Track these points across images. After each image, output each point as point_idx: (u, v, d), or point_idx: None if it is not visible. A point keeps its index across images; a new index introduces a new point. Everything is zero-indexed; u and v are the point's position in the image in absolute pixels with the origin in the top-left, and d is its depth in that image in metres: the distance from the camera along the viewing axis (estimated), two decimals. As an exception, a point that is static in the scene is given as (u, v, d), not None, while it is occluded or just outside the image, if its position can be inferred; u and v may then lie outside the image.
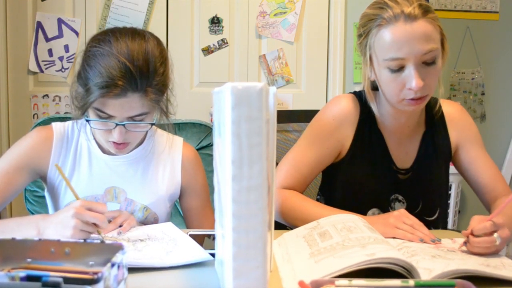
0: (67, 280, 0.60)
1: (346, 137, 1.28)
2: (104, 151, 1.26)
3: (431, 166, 1.30)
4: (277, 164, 1.34)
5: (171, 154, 1.32)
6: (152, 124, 1.19)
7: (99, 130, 1.17)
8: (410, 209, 1.22)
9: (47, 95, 2.48)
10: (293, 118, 1.81)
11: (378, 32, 1.15)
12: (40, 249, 0.72)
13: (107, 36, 1.14)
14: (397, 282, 0.78)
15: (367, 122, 1.28)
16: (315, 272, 0.84)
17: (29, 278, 0.60)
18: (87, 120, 1.15)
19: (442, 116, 1.34)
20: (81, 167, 1.25)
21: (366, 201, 1.26)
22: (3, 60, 2.42)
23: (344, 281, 0.78)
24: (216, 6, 2.56)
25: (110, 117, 1.13)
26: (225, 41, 2.58)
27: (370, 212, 1.28)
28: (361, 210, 1.23)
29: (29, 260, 0.70)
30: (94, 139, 1.27)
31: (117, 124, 1.13)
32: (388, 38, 1.13)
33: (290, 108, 2.61)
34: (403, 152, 1.30)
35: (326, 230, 1.02)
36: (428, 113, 1.32)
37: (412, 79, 1.12)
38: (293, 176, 1.28)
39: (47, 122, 1.51)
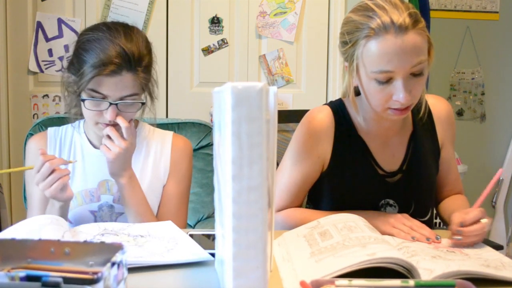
0: (67, 280, 0.60)
1: (325, 151, 1.26)
2: (95, 146, 1.33)
3: (421, 166, 1.29)
4: (277, 164, 1.34)
5: (161, 146, 1.36)
6: (143, 103, 1.26)
7: (91, 112, 1.21)
8: (402, 212, 1.21)
9: (47, 95, 2.48)
10: (293, 118, 1.81)
11: (366, 43, 1.11)
12: (40, 249, 0.72)
13: (99, 25, 1.25)
14: (397, 282, 0.78)
15: (345, 132, 1.27)
16: (315, 271, 0.84)
17: (29, 278, 0.60)
18: (82, 100, 1.20)
19: (429, 113, 1.33)
20: (75, 164, 1.32)
21: (355, 208, 1.23)
22: (3, 60, 2.42)
23: (344, 281, 0.78)
24: (216, 6, 2.56)
25: (103, 97, 1.20)
26: (225, 41, 2.58)
27: None
28: None
29: (29, 260, 0.70)
30: (87, 137, 1.33)
31: (110, 103, 1.19)
32: (378, 51, 1.09)
33: (290, 108, 2.61)
34: (390, 155, 1.28)
35: (326, 229, 1.02)
36: (414, 113, 1.31)
37: (400, 92, 1.10)
38: (285, 199, 1.28)
39: (47, 122, 1.51)
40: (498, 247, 1.09)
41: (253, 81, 2.60)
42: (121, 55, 1.18)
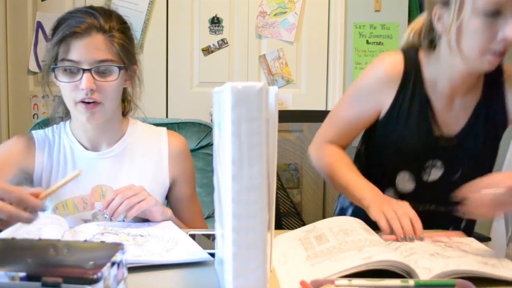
0: (67, 280, 0.60)
1: (385, 98, 1.25)
2: (86, 148, 1.26)
3: (479, 136, 1.24)
4: (278, 165, 1.34)
5: (156, 145, 1.31)
6: (120, 68, 1.18)
7: (67, 89, 1.16)
8: (448, 175, 1.20)
9: (47, 95, 2.47)
10: (293, 118, 1.81)
11: None
12: (40, 249, 0.72)
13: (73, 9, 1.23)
14: (397, 282, 0.78)
15: (412, 84, 1.24)
16: (311, 275, 0.84)
17: (29, 278, 0.60)
18: (53, 69, 1.15)
19: (502, 82, 1.26)
20: (66, 169, 1.24)
21: (398, 161, 1.23)
22: (3, 60, 2.42)
23: (344, 281, 0.78)
24: (216, 6, 2.56)
25: (76, 64, 1.14)
26: (225, 41, 2.58)
27: (399, 177, 1.27)
28: (392, 171, 1.24)
29: (29, 260, 0.70)
30: (75, 138, 1.26)
31: (84, 70, 1.13)
32: None
33: (290, 108, 2.61)
34: (452, 118, 1.25)
35: (322, 233, 1.02)
36: (487, 79, 1.25)
37: (508, 27, 1.06)
38: (334, 132, 1.29)
39: (47, 122, 1.51)
40: (485, 239, 1.06)
41: (253, 81, 2.61)
42: (90, 14, 1.15)
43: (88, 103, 1.16)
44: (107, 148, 1.27)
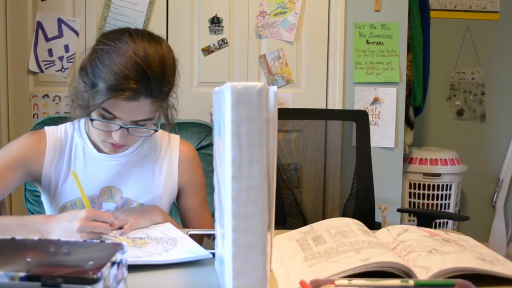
0: (67, 280, 0.60)
1: None
2: (99, 150, 1.25)
3: None
4: (277, 165, 1.34)
5: (168, 152, 1.31)
6: (156, 130, 1.19)
7: (99, 130, 1.15)
8: None
9: (47, 95, 2.48)
10: (293, 116, 1.81)
11: None
12: (40, 249, 0.72)
13: (123, 35, 1.11)
14: (397, 281, 0.78)
15: None
16: (309, 275, 0.84)
17: (29, 278, 0.60)
18: (91, 120, 1.12)
19: None
20: (76, 168, 1.24)
21: None
22: (3, 60, 2.42)
23: (344, 281, 0.78)
24: (216, 6, 2.56)
25: (114, 118, 1.11)
26: (225, 41, 2.58)
27: None
28: None
29: (28, 260, 0.70)
30: (89, 138, 1.25)
31: (121, 127, 1.11)
32: None
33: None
34: None
35: (319, 234, 1.02)
36: None
37: None
38: None
39: (47, 122, 1.51)
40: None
41: (253, 81, 2.61)
42: (141, 80, 1.06)
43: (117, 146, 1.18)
44: None
